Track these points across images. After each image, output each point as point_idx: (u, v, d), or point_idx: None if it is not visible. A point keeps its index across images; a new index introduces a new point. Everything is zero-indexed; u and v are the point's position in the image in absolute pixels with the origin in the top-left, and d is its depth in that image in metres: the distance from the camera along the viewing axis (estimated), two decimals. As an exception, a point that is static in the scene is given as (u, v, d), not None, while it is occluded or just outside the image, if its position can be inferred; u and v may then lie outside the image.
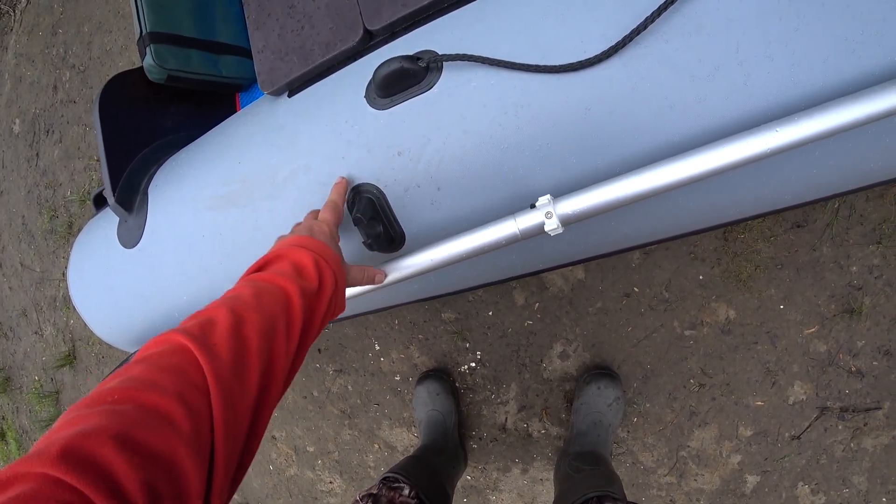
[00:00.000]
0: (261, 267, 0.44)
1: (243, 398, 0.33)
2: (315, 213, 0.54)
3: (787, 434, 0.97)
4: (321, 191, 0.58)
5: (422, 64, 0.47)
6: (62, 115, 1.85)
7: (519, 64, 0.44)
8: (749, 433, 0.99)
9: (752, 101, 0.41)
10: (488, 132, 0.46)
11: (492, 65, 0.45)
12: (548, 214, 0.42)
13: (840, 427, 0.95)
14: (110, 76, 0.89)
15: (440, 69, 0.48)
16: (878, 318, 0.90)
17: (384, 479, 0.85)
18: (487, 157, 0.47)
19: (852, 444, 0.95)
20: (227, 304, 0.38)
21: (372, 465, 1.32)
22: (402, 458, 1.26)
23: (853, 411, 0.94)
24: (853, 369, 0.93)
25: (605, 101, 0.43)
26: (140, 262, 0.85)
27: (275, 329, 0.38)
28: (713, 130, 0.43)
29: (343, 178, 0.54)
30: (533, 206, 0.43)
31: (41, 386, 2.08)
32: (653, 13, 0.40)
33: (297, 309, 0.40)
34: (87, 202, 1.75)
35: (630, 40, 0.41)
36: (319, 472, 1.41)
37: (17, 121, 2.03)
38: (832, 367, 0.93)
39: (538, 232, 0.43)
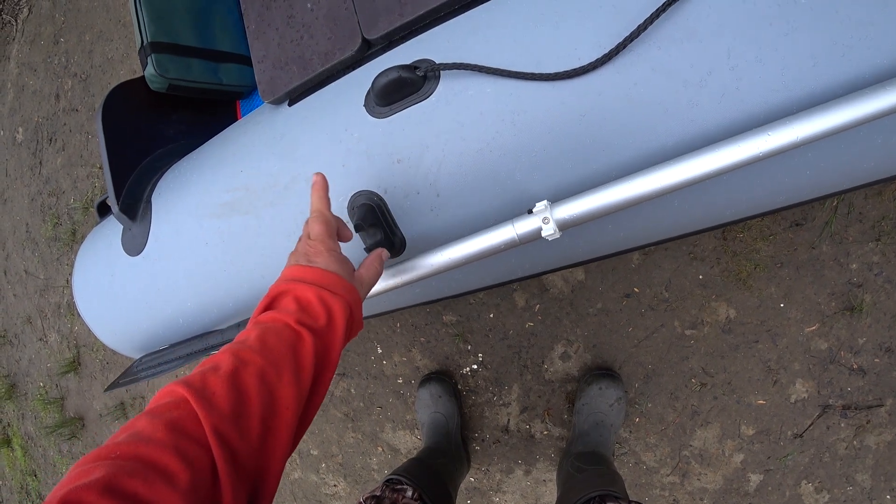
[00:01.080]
0: (268, 305, 0.43)
1: (245, 445, 0.33)
2: (304, 229, 0.50)
3: (789, 432, 0.98)
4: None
5: (419, 73, 0.48)
6: (65, 124, 1.87)
7: (514, 72, 0.44)
8: (751, 432, 0.99)
9: (745, 105, 0.42)
10: (486, 139, 0.47)
11: (488, 73, 0.45)
12: (545, 220, 0.43)
13: (843, 425, 0.95)
14: (112, 84, 0.91)
15: (438, 78, 0.49)
16: (878, 315, 0.90)
17: (387, 481, 0.86)
18: (485, 164, 0.48)
19: (855, 442, 0.95)
20: (232, 348, 0.38)
21: (375, 467, 1.32)
22: (405, 460, 1.26)
23: (855, 409, 0.94)
24: (855, 367, 0.93)
25: (600, 108, 0.44)
26: (144, 269, 0.86)
27: (279, 371, 0.37)
28: (707, 135, 0.43)
29: (320, 174, 0.49)
30: (530, 212, 0.44)
31: (46, 392, 2.09)
32: (645, 21, 0.40)
33: (309, 347, 0.39)
34: (91, 209, 1.77)
35: (623, 47, 0.41)
36: (324, 476, 1.42)
37: (21, 129, 2.04)
38: (833, 364, 0.94)
39: (536, 237, 0.44)
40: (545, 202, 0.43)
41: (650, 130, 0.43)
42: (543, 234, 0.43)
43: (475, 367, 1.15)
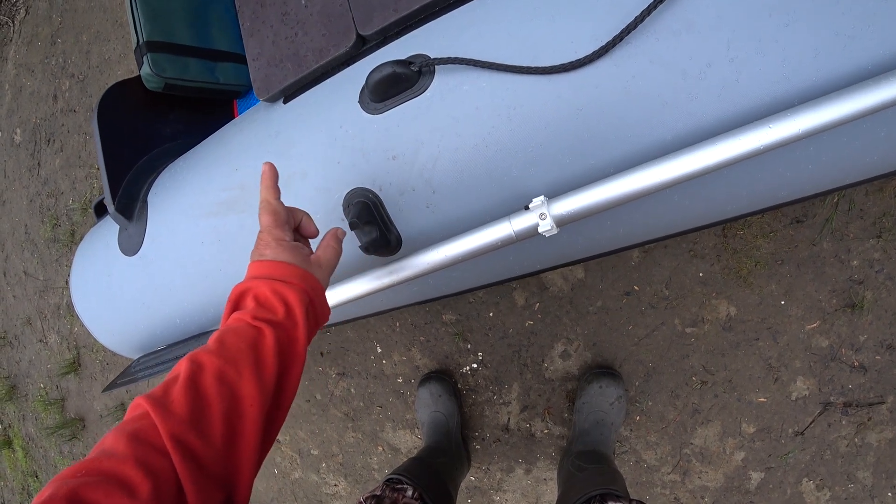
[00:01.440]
0: (234, 307, 0.43)
1: (206, 448, 0.33)
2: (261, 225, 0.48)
3: (790, 430, 0.97)
4: (317, 195, 0.58)
5: (414, 68, 0.48)
6: (62, 125, 1.87)
7: (510, 66, 0.44)
8: (752, 430, 0.99)
9: (745, 98, 0.41)
10: (481, 134, 0.46)
11: (483, 67, 0.45)
12: (542, 216, 0.42)
13: (844, 422, 0.94)
14: (109, 84, 0.90)
15: (433, 73, 0.48)
16: (879, 312, 0.90)
17: (388, 480, 0.85)
18: (481, 159, 0.47)
19: (856, 439, 0.94)
20: (191, 354, 0.38)
21: (376, 467, 1.32)
22: (405, 459, 1.26)
23: (857, 406, 0.93)
24: (856, 364, 0.92)
25: (598, 101, 0.43)
26: (141, 269, 0.85)
27: (239, 369, 0.37)
28: (706, 128, 0.43)
29: (268, 164, 0.47)
30: (527, 208, 0.43)
31: (47, 393, 2.09)
32: (642, 12, 0.40)
33: (269, 342, 0.39)
34: (89, 210, 1.77)
35: (620, 40, 0.41)
36: (324, 475, 1.41)
37: (19, 130, 2.04)
38: (834, 362, 0.93)
39: (533, 233, 0.44)
40: (542, 198, 0.43)
41: (649, 124, 0.43)
42: (540, 230, 0.43)
43: (475, 365, 1.15)
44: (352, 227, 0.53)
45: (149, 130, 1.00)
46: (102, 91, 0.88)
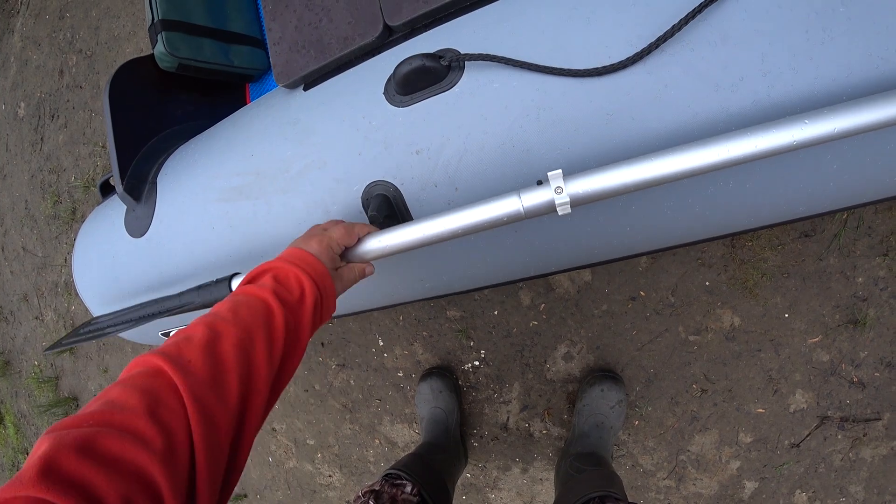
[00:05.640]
0: (250, 281, 0.45)
1: (224, 412, 0.34)
2: (329, 222, 0.52)
3: (786, 442, 0.98)
4: (336, 186, 0.58)
5: (444, 62, 0.47)
6: (68, 100, 1.84)
7: (543, 66, 0.43)
8: (749, 440, 1.00)
9: (776, 113, 0.41)
10: (509, 134, 0.46)
11: (515, 66, 0.45)
12: (558, 189, 0.39)
13: (839, 436, 0.95)
14: (117, 62, 0.89)
15: (462, 68, 0.48)
16: (881, 329, 0.90)
17: (386, 475, 0.86)
18: (507, 160, 0.47)
19: (851, 454, 0.95)
20: (205, 320, 0.39)
21: (372, 459, 1.32)
22: (402, 453, 1.26)
23: (853, 421, 0.94)
24: (855, 380, 0.93)
25: (628, 108, 0.43)
26: (148, 251, 0.85)
27: (253, 340, 0.38)
28: (735, 140, 0.42)
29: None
30: (540, 183, 0.41)
31: (41, 371, 2.08)
32: (680, 21, 0.40)
33: (279, 319, 0.40)
34: (92, 188, 1.75)
35: (656, 47, 0.40)
36: (319, 466, 1.42)
37: (23, 104, 2.01)
38: (834, 376, 0.94)
39: (548, 210, 0.41)
40: (559, 171, 0.40)
41: (678, 134, 0.42)
42: (557, 202, 0.39)
43: (477, 363, 1.15)
44: (371, 220, 0.52)
45: (160, 111, 0.98)
46: (110, 68, 0.86)
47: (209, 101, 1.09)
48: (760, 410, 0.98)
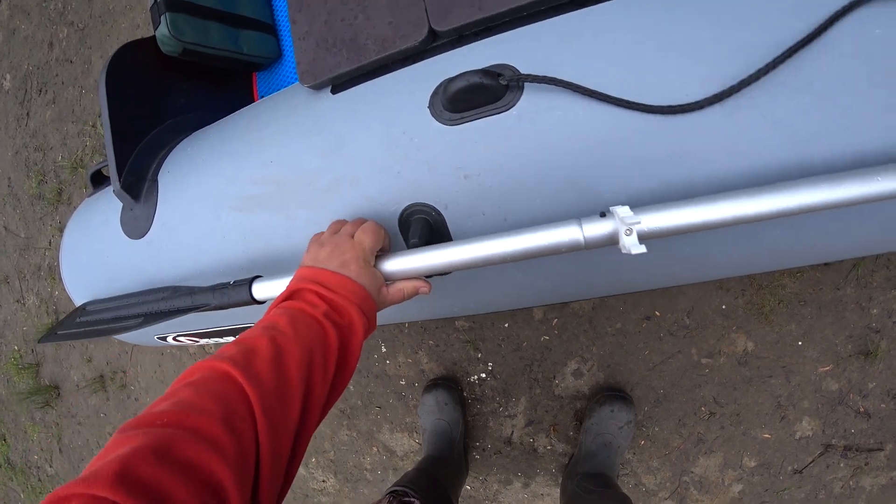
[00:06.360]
0: (290, 296, 0.45)
1: (287, 426, 0.35)
2: (348, 226, 0.50)
3: (789, 468, 0.99)
4: (369, 206, 0.54)
5: (503, 81, 0.44)
6: (57, 75, 1.74)
7: (613, 97, 0.41)
8: (753, 464, 1.00)
9: (852, 167, 0.39)
10: (570, 167, 0.43)
11: (582, 94, 0.41)
12: (627, 231, 0.37)
13: (842, 465, 0.96)
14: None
15: (521, 89, 0.45)
16: (891, 361, 0.91)
17: (393, 492, 0.84)
18: (565, 195, 0.44)
19: (851, 482, 0.97)
20: (267, 333, 0.39)
21: (369, 467, 1.30)
22: (401, 462, 1.24)
23: (856, 450, 0.96)
24: (861, 410, 0.94)
25: (700, 151, 0.40)
26: (147, 255, 0.79)
27: (312, 361, 0.39)
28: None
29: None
30: (603, 215, 0.39)
31: (21, 357, 1.99)
32: (767, 65, 0.37)
33: (333, 342, 0.41)
34: (80, 169, 1.66)
35: (738, 90, 0.38)
36: (313, 470, 1.39)
37: (8, 76, 1.90)
38: (841, 406, 0.95)
39: (609, 241, 0.39)
40: (627, 207, 0.38)
41: (748, 184, 0.40)
42: (626, 244, 0.37)
43: (483, 375, 1.13)
44: (411, 246, 0.49)
45: (161, 100, 0.91)
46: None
47: (215, 91, 1.02)
48: (766, 436, 0.99)
